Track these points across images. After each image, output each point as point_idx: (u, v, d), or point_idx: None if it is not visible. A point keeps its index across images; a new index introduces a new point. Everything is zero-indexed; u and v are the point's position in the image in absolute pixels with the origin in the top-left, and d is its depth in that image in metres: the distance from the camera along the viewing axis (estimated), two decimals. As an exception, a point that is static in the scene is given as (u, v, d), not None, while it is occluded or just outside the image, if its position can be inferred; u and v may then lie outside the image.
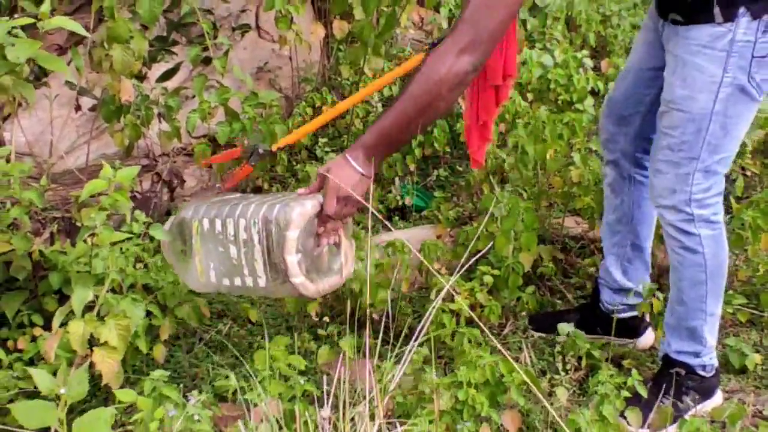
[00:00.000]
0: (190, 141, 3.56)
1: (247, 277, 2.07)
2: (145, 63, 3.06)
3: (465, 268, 2.11)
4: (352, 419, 1.83)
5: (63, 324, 2.22)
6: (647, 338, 2.85)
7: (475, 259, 2.28)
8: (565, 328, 2.69)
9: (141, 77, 3.08)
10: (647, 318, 2.80)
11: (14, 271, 2.53)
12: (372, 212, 1.93)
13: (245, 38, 3.90)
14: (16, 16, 2.50)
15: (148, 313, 2.39)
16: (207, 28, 3.06)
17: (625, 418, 2.32)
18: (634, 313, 2.79)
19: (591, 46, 4.80)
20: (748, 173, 3.69)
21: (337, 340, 2.57)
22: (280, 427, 1.95)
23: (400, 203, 3.60)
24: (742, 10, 2.12)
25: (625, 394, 2.21)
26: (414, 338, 1.89)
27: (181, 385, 2.20)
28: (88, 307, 2.21)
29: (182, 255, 2.20)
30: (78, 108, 3.11)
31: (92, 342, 2.18)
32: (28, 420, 1.56)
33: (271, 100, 3.19)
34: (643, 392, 2.31)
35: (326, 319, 2.59)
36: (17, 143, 2.86)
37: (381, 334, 2.18)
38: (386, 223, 2.18)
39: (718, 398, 2.54)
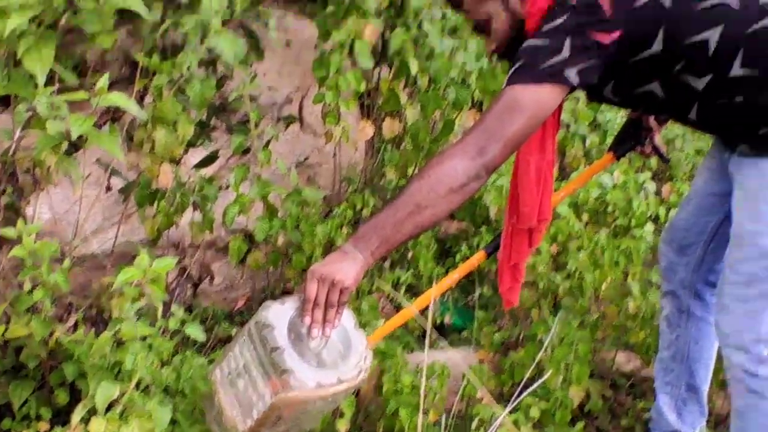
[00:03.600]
0: (221, 234, 3.69)
1: (257, 403, 2.10)
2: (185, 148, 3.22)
3: (516, 400, 2.20)
4: None
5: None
6: (702, 493, 2.88)
7: (527, 391, 2.36)
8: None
9: (177, 162, 3.23)
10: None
11: (25, 357, 2.62)
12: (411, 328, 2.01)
13: (287, 130, 4.07)
14: (55, 87, 2.68)
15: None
16: (255, 116, 3.23)
17: None
18: (687, 461, 2.84)
19: (652, 168, 4.94)
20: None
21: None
22: None
23: (438, 321, 3.70)
24: None
25: None
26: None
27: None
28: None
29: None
30: (108, 188, 3.27)
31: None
32: None
33: (314, 199, 3.34)
34: None
35: (358, 439, 2.67)
36: (40, 221, 3.00)
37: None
38: (436, 337, 2.26)
39: None
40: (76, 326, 2.66)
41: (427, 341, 1.87)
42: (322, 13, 3.48)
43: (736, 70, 2.20)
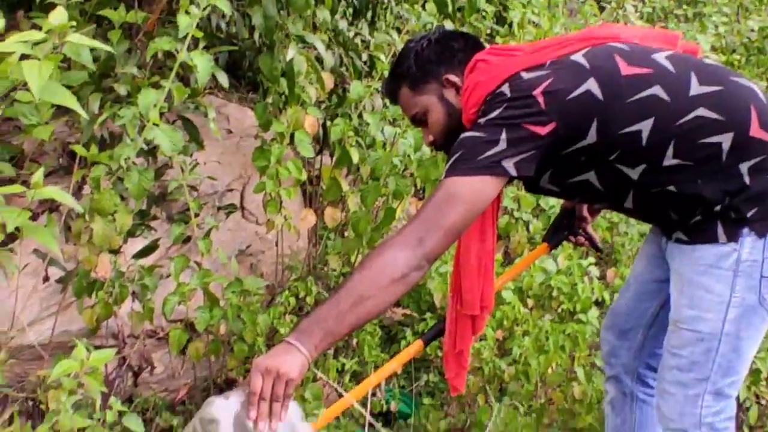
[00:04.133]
0: (161, 324, 3.69)
1: None
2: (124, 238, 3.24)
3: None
4: None
5: None
6: None
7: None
8: None
9: (116, 252, 3.25)
10: None
11: (-41, 453, 2.61)
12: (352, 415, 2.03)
13: (228, 219, 4.10)
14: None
15: None
16: (195, 206, 3.26)
17: None
18: None
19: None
20: (763, 402, 3.84)
21: None
22: None
23: (385, 408, 3.71)
24: (746, 229, 2.30)
25: None
26: None
27: None
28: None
29: None
30: (46, 279, 3.26)
31: None
32: None
33: (256, 288, 3.37)
34: None
35: None
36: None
37: None
38: (379, 427, 2.26)
39: None
40: (11, 419, 2.64)
41: (366, 429, 1.90)
42: (262, 103, 3.55)
43: (669, 160, 2.29)
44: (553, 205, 4.85)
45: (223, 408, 2.09)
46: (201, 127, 3.48)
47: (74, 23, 2.15)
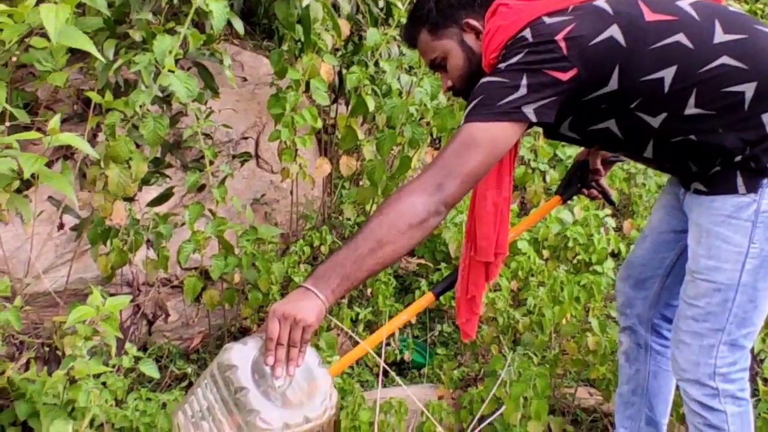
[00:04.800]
0: (175, 272, 3.71)
1: None
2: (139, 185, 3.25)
3: (472, 433, 2.24)
4: None
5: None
6: None
7: (480, 426, 2.40)
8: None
9: (130, 199, 3.26)
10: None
11: (-25, 396, 2.65)
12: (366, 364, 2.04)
13: (243, 167, 4.11)
14: (6, 124, 2.70)
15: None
16: (210, 154, 3.27)
17: None
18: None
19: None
20: (778, 353, 3.86)
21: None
22: None
23: (399, 358, 3.74)
24: (766, 180, 2.28)
25: None
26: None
27: None
28: (61, 444, 2.32)
29: None
30: (61, 226, 3.28)
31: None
32: None
33: (271, 237, 3.38)
34: None
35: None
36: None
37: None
38: (393, 374, 2.27)
39: None
40: (28, 365, 2.68)
41: (379, 378, 1.91)
42: (277, 51, 3.54)
43: (691, 109, 2.27)
44: (570, 155, 4.84)
45: (241, 353, 2.11)
46: (216, 75, 3.48)
47: (89, -32, 2.15)
